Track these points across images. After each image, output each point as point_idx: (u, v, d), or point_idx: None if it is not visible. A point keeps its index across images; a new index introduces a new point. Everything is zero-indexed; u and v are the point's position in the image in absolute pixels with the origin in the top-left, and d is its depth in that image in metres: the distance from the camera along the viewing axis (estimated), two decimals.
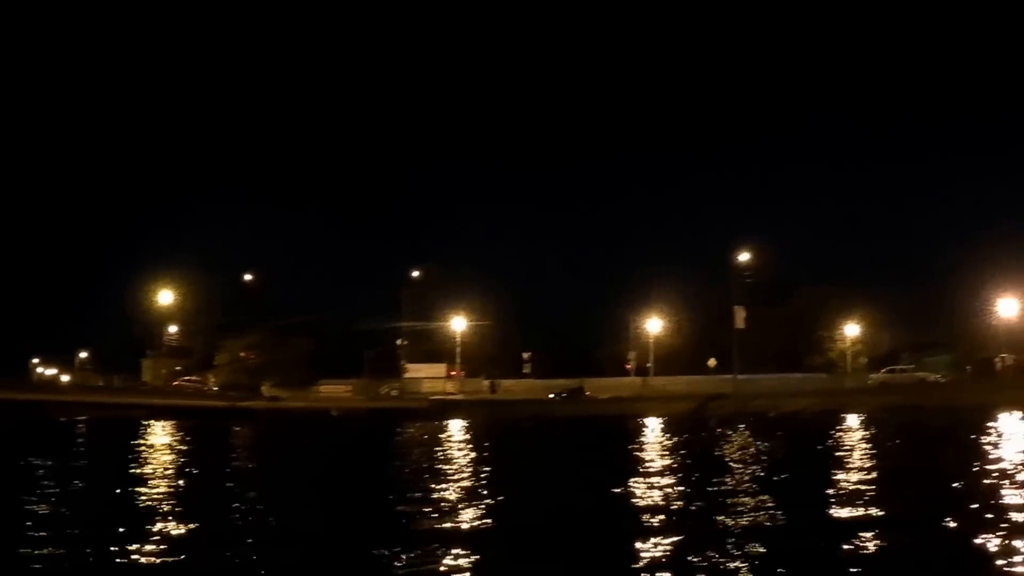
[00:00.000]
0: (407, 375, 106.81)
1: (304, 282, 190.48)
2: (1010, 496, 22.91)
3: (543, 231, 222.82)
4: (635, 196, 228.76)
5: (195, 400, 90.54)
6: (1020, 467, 29.85)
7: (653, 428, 60.08)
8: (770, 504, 22.35)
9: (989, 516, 19.69)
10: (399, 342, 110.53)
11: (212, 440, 54.47)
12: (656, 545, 17.38)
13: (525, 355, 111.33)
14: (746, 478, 28.85)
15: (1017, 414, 59.57)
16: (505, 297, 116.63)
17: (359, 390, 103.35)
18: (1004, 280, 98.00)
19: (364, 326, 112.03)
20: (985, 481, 26.19)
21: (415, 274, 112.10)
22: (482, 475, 31.42)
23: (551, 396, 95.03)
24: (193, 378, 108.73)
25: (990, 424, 50.80)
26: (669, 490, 25.71)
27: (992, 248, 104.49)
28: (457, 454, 41.78)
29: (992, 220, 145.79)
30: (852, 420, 62.00)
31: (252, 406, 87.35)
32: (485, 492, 26.16)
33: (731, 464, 34.31)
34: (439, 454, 41.65)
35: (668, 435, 52.77)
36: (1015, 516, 19.77)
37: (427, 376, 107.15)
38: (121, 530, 19.23)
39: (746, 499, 23.44)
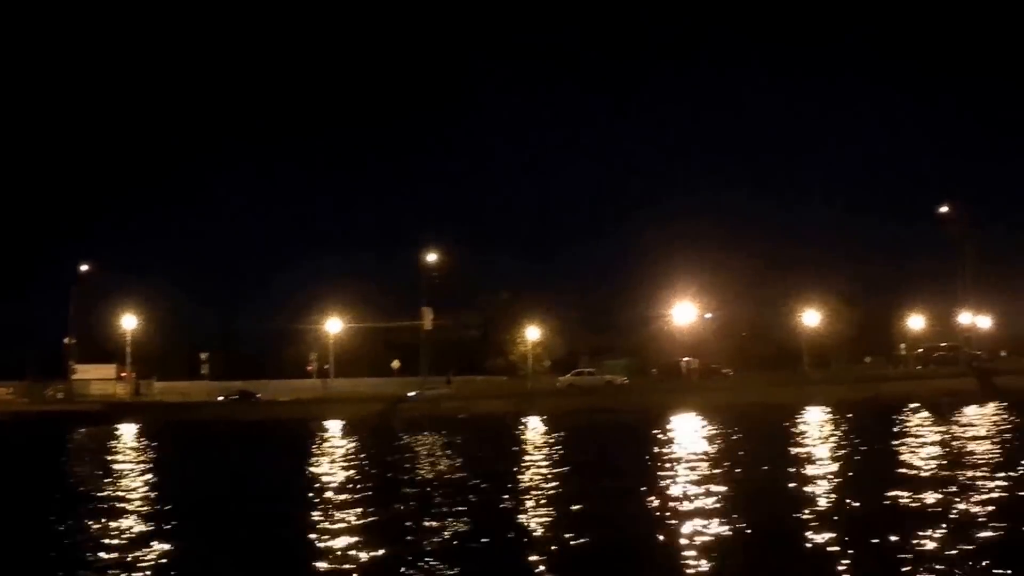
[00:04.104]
0: (75, 376, 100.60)
1: None
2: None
3: (221, 227, 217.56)
4: (318, 191, 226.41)
5: None
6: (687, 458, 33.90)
7: (335, 431, 60.86)
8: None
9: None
10: (67, 341, 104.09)
11: None
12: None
13: (203, 355, 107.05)
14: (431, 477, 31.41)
15: (693, 414, 62.86)
16: (182, 296, 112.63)
17: (22, 393, 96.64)
18: (680, 286, 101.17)
19: None
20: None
21: (84, 268, 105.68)
22: (148, 480, 32.66)
23: (220, 398, 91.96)
24: None
25: (666, 424, 54.22)
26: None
27: (667, 254, 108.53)
28: (125, 459, 42.04)
29: (667, 227, 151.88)
30: (539, 421, 63.86)
31: None
32: (151, 497, 27.39)
33: (416, 465, 36.12)
34: (107, 460, 41.73)
35: (350, 438, 53.87)
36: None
37: (96, 377, 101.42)
38: None
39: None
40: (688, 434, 47.08)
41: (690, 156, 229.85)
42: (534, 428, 57.04)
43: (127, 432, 63.79)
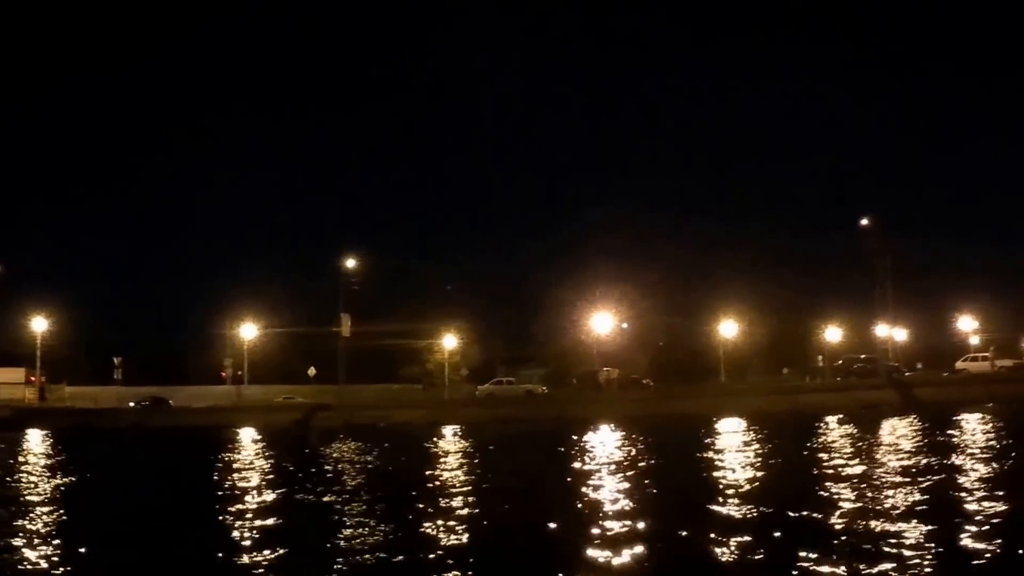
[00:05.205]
0: None
1: None
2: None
3: (138, 230, 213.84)
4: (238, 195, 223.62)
5: None
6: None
7: (247, 440, 59.78)
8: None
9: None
10: None
11: None
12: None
13: (116, 360, 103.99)
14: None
15: (612, 425, 62.53)
16: (97, 298, 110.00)
17: None
18: (596, 296, 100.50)
19: None
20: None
21: None
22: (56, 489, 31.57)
23: (131, 404, 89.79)
24: None
25: (586, 435, 53.46)
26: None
27: (582, 264, 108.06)
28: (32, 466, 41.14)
29: (582, 236, 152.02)
30: (457, 431, 63.13)
31: None
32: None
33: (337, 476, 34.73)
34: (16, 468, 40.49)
35: (261, 447, 52.90)
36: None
37: (4, 381, 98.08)
38: None
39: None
40: (606, 444, 46.40)
41: (605, 166, 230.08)
42: (451, 438, 56.27)
43: (30, 439, 62.33)
